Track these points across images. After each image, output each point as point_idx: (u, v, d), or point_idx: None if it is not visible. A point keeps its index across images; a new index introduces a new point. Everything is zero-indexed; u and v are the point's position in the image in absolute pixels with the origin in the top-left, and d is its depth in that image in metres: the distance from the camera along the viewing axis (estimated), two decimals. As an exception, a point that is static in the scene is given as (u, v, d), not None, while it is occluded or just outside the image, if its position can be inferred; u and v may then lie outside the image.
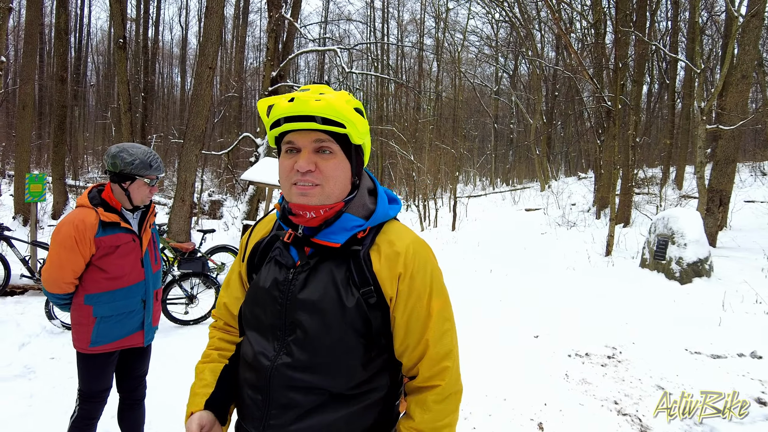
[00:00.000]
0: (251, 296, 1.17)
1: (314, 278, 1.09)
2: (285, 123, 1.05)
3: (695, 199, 12.73)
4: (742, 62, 8.79)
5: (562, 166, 27.47)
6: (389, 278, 1.08)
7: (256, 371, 1.12)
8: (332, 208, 1.09)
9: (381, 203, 1.16)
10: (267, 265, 1.17)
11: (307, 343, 1.06)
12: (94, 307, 2.21)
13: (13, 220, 10.05)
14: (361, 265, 1.08)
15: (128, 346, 2.31)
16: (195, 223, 11.30)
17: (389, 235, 1.13)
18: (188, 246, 5.40)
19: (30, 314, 4.97)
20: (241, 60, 22.33)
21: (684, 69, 18.30)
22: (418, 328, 1.10)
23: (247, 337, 1.18)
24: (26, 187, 5.97)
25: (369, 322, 1.07)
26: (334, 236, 1.09)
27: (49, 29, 21.85)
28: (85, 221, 2.14)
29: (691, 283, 6.73)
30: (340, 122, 1.04)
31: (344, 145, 1.09)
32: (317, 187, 1.07)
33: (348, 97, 1.09)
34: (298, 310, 1.07)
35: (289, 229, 1.15)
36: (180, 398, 3.17)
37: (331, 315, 1.05)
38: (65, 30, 12.23)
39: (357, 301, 1.06)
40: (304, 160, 1.05)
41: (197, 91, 7.37)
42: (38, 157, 21.50)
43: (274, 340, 1.10)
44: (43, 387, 3.41)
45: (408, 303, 1.09)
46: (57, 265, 2.13)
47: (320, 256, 1.11)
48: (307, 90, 1.07)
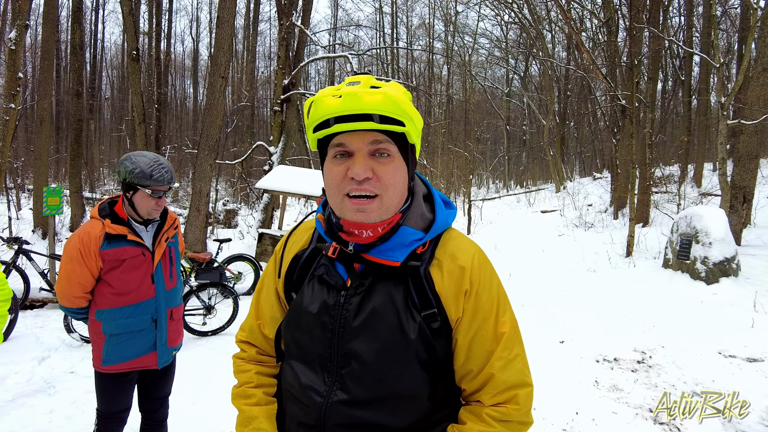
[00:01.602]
0: (293, 320, 1.03)
1: (370, 302, 0.95)
2: (336, 124, 0.90)
3: (716, 196, 12.45)
4: (762, 55, 8.57)
5: (577, 167, 27.14)
6: (454, 298, 0.95)
7: (305, 407, 0.98)
8: (390, 222, 0.96)
9: (439, 211, 1.02)
10: (310, 284, 1.03)
11: (365, 377, 0.93)
12: (103, 323, 2.11)
13: (32, 233, 10.19)
14: (422, 284, 0.95)
15: (141, 367, 2.18)
16: (210, 233, 11.33)
17: (450, 247, 1.00)
18: (205, 256, 5.37)
19: (49, 327, 4.98)
20: (253, 70, 22.51)
21: (699, 65, 18.02)
22: (482, 353, 0.96)
23: (289, 364, 1.04)
24: (44, 200, 6.01)
25: (434, 349, 0.94)
26: (391, 253, 0.95)
27: (64, 45, 22.29)
28: (90, 233, 2.05)
29: (717, 283, 6.52)
30: (399, 120, 0.90)
31: (400, 146, 0.95)
32: (375, 199, 0.92)
33: (403, 89, 0.95)
34: (353, 340, 0.94)
35: (333, 242, 1.01)
36: (201, 414, 3.14)
37: (391, 344, 0.92)
38: (80, 45, 12.42)
39: (419, 326, 0.93)
40: (360, 166, 0.90)
41: (210, 100, 7.40)
42: (56, 170, 21.89)
43: (324, 372, 0.97)
44: (63, 402, 3.38)
45: (473, 324, 0.96)
46: (65, 278, 2.06)
47: (374, 275, 0.97)
48: (357, 82, 0.92)
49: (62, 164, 21.29)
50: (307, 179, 8.39)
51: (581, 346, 4.36)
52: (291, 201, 16.67)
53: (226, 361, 4.18)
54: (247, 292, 6.70)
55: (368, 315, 0.94)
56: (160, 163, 2.11)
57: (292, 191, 8.33)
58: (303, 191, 8.23)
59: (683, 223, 7.22)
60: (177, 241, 2.38)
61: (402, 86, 0.95)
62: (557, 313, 5.39)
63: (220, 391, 3.49)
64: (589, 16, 17.94)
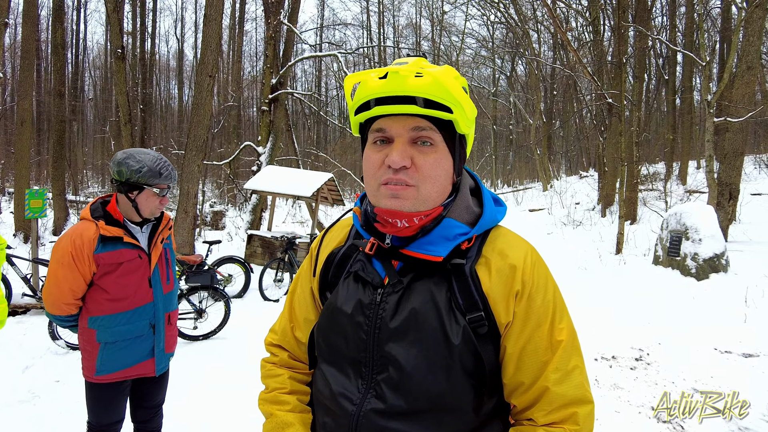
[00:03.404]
0: (326, 321, 0.94)
1: (409, 301, 0.86)
2: (376, 106, 0.82)
3: (701, 193, 12.63)
4: (746, 53, 8.71)
5: (563, 166, 27.37)
6: (503, 300, 0.86)
7: (336, 416, 0.89)
8: (429, 214, 0.87)
9: (488, 205, 0.93)
10: (345, 282, 0.95)
11: (403, 385, 0.83)
12: (97, 331, 1.98)
13: (13, 237, 9.92)
14: (468, 283, 0.86)
15: (137, 375, 2.07)
16: (198, 235, 11.15)
17: (499, 244, 0.91)
18: (195, 258, 5.25)
19: (32, 335, 4.81)
20: (239, 70, 22.27)
21: (682, 64, 18.27)
22: (534, 364, 0.85)
23: (321, 369, 0.96)
24: (26, 203, 5.82)
25: (480, 357, 0.84)
26: (432, 247, 0.86)
27: (45, 45, 21.82)
28: (83, 236, 1.90)
29: (708, 279, 6.58)
30: (446, 105, 0.81)
31: (447, 135, 0.86)
32: (411, 188, 0.83)
33: (456, 73, 0.86)
34: (390, 342, 0.85)
35: (371, 238, 0.92)
36: (196, 423, 3.03)
37: (433, 349, 0.83)
38: (62, 45, 12.15)
39: (464, 330, 0.84)
40: (398, 153, 0.82)
41: (198, 100, 7.25)
42: (38, 173, 21.42)
43: (358, 377, 0.88)
44: (50, 412, 3.24)
45: (524, 330, 0.86)
46: (54, 283, 1.91)
47: (414, 272, 0.88)
48: (405, 63, 0.83)
49: (45, 166, 20.85)
50: (297, 180, 8.28)
51: (578, 345, 4.34)
52: (280, 202, 16.52)
53: (218, 366, 4.08)
54: (237, 295, 6.58)
55: (407, 316, 0.85)
56: (164, 160, 2.03)
57: (281, 192, 8.22)
58: (292, 192, 8.13)
59: (673, 220, 7.28)
60: (171, 242, 2.28)
61: (455, 71, 0.86)
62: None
63: (215, 398, 3.39)
64: (575, 15, 18.09)
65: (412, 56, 0.86)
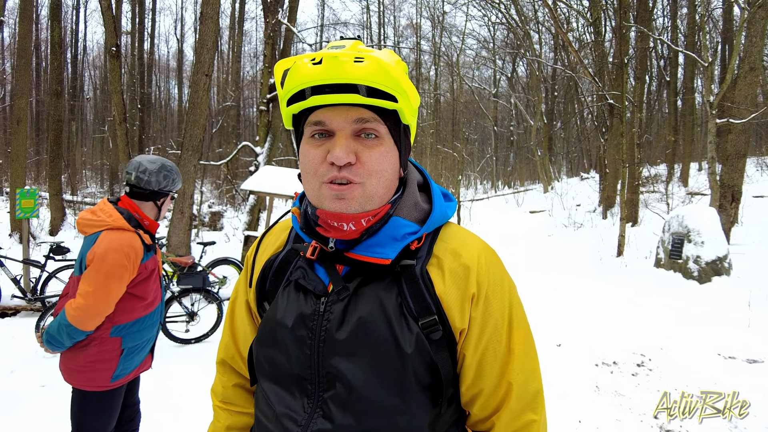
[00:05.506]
0: (265, 335, 0.85)
1: (356, 309, 0.79)
2: (313, 96, 0.74)
3: (703, 195, 12.53)
4: (749, 54, 8.62)
5: (564, 167, 27.28)
6: (458, 305, 0.79)
7: None
8: (376, 214, 0.79)
9: (437, 201, 0.86)
10: (284, 291, 0.86)
11: (352, 402, 0.77)
12: (123, 338, 1.96)
13: (9, 237, 9.85)
14: (419, 286, 0.79)
15: (141, 372, 2.12)
16: (195, 236, 11.06)
17: (451, 242, 0.84)
18: (187, 260, 5.15)
19: (20, 338, 4.72)
20: (238, 69, 22.19)
21: (684, 66, 18.17)
22: (495, 369, 0.81)
23: (262, 388, 0.87)
24: (17, 202, 5.73)
25: (435, 366, 0.78)
26: (380, 249, 0.79)
27: (44, 44, 21.74)
28: (135, 247, 1.92)
29: (710, 282, 6.49)
30: (391, 94, 0.74)
31: (391, 126, 0.79)
32: (356, 186, 0.76)
33: (398, 57, 0.78)
34: (336, 356, 0.78)
35: (312, 241, 0.84)
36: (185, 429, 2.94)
37: (383, 361, 0.76)
38: (59, 43, 12.06)
39: (417, 338, 0.77)
40: (342, 148, 0.74)
41: (194, 99, 7.17)
42: (36, 173, 21.33)
43: (303, 396, 0.80)
44: (36, 418, 3.15)
45: (483, 336, 0.80)
46: (104, 299, 1.84)
47: (361, 276, 0.81)
48: (342, 47, 0.74)
49: (42, 166, 20.75)
50: (295, 180, 8.19)
51: (579, 350, 4.24)
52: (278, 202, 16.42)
53: (210, 370, 3.98)
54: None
55: (354, 326, 0.77)
56: (174, 165, 2.15)
57: (279, 192, 8.12)
58: (290, 192, 8.02)
59: (675, 223, 7.18)
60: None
61: (396, 54, 0.78)
62: (552, 316, 5.28)
63: (206, 403, 3.29)
64: (576, 15, 18.00)
65: (347, 38, 0.77)
